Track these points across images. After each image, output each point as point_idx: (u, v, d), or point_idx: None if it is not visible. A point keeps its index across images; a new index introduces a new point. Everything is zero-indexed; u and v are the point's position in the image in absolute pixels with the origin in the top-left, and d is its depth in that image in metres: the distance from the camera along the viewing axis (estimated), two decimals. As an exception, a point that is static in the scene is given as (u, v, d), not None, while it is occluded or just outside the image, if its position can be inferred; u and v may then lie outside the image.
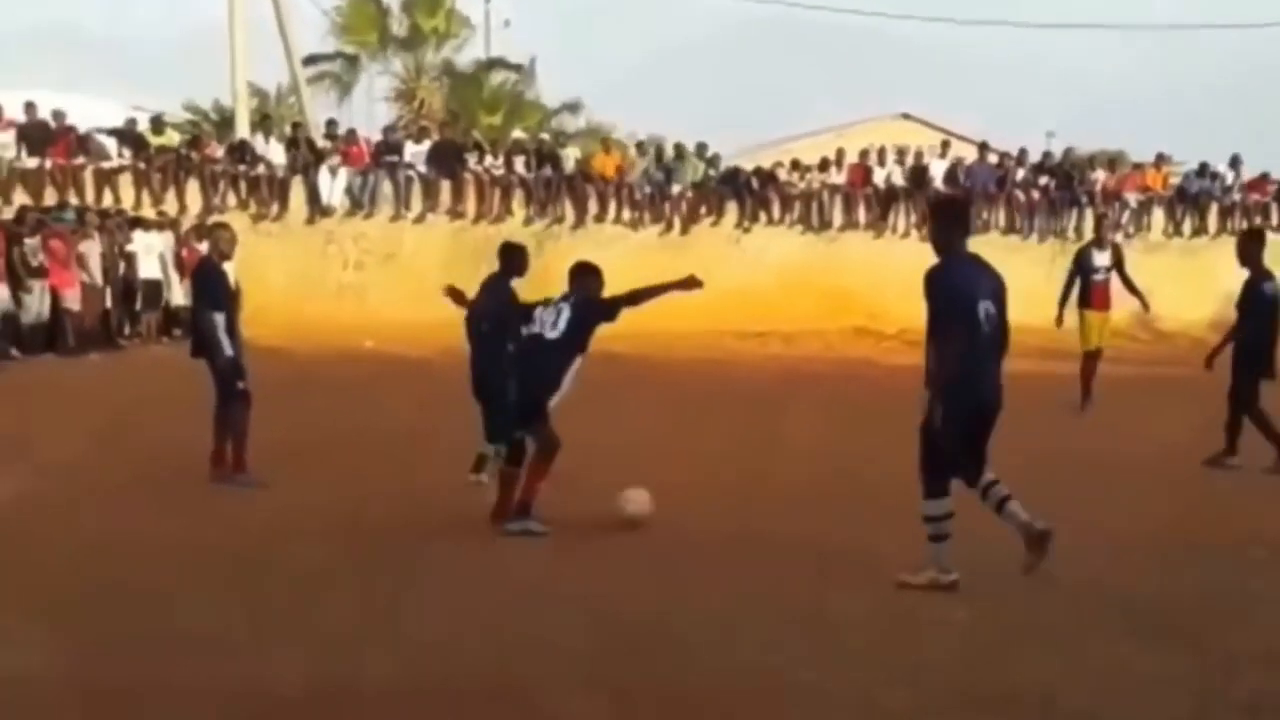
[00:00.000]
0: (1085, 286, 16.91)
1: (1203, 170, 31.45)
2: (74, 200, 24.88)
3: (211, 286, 11.35)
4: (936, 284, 7.56)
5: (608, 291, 9.65)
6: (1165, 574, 8.25)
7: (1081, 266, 17.03)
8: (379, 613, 7.30)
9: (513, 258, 10.80)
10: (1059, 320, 16.51)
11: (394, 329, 22.50)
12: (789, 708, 5.95)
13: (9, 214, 22.64)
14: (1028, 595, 7.65)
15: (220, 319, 11.06)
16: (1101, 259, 17.12)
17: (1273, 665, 6.51)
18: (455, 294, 10.66)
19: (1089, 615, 7.37)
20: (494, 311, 10.30)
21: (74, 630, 6.87)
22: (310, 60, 36.85)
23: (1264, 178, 31.58)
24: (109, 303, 22.53)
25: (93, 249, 22.07)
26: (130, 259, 23.21)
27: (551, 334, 9.47)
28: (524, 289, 17.96)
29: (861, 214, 29.63)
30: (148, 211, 25.40)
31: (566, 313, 9.50)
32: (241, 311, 24.85)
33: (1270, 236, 29.16)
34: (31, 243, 21.03)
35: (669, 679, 6.25)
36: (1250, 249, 12.60)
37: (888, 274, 26.81)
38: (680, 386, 18.20)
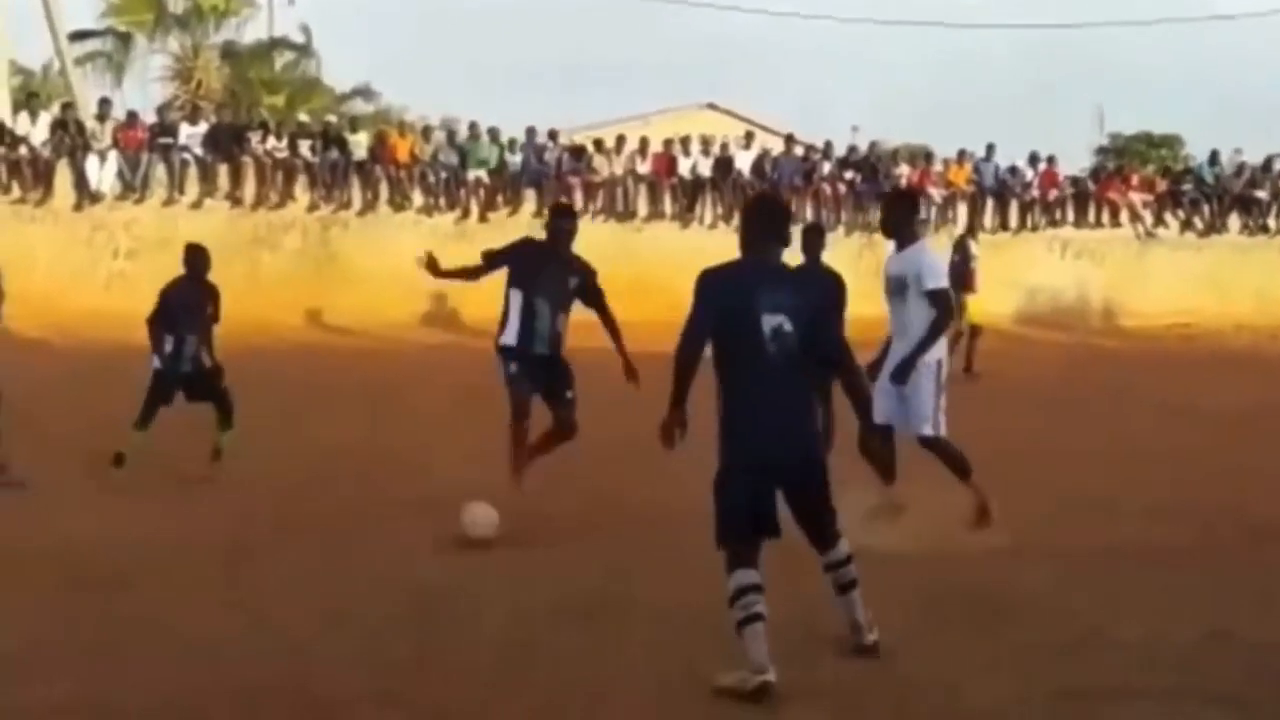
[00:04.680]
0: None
1: (989, 153, 31.67)
2: None
3: None
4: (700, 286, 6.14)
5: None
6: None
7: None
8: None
9: None
10: None
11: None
12: None
13: None
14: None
15: None
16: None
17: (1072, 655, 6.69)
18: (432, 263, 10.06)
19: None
20: None
21: None
22: (79, 36, 35.27)
23: (1050, 161, 32.02)
24: None
25: None
26: None
27: None
28: (301, 277, 17.33)
29: (667, 204, 29.17)
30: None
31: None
32: (3, 303, 23.46)
33: (1070, 233, 30.71)
34: None
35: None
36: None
37: (694, 265, 26.43)
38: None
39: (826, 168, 30.50)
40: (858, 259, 24.19)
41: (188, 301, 11.54)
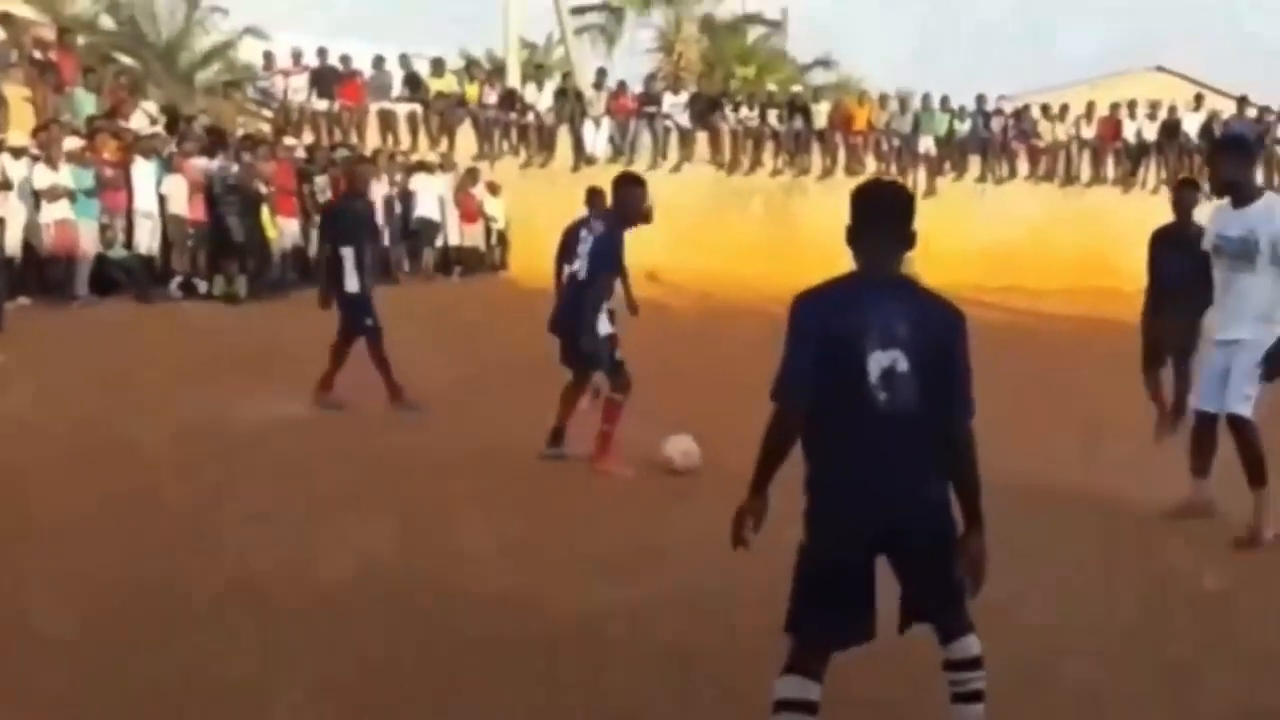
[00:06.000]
0: None
1: None
2: (355, 141, 26.28)
3: (336, 224, 11.52)
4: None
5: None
6: None
7: None
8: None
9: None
10: None
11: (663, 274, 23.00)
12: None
13: (300, 153, 23.73)
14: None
15: (349, 253, 11.04)
16: None
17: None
18: None
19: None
20: None
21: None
22: (578, 10, 37.41)
23: None
24: (388, 240, 23.56)
25: (376, 189, 23.13)
26: (408, 198, 24.34)
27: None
28: (767, 237, 16.19)
29: (1110, 168, 29.14)
30: (425, 154, 26.56)
31: (588, 244, 9.01)
32: (509, 251, 25.92)
33: None
34: (320, 180, 22.23)
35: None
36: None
37: (1135, 230, 26.15)
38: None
39: (1281, 129, 29.51)
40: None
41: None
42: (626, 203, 9.02)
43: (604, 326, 9.02)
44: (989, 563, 4.10)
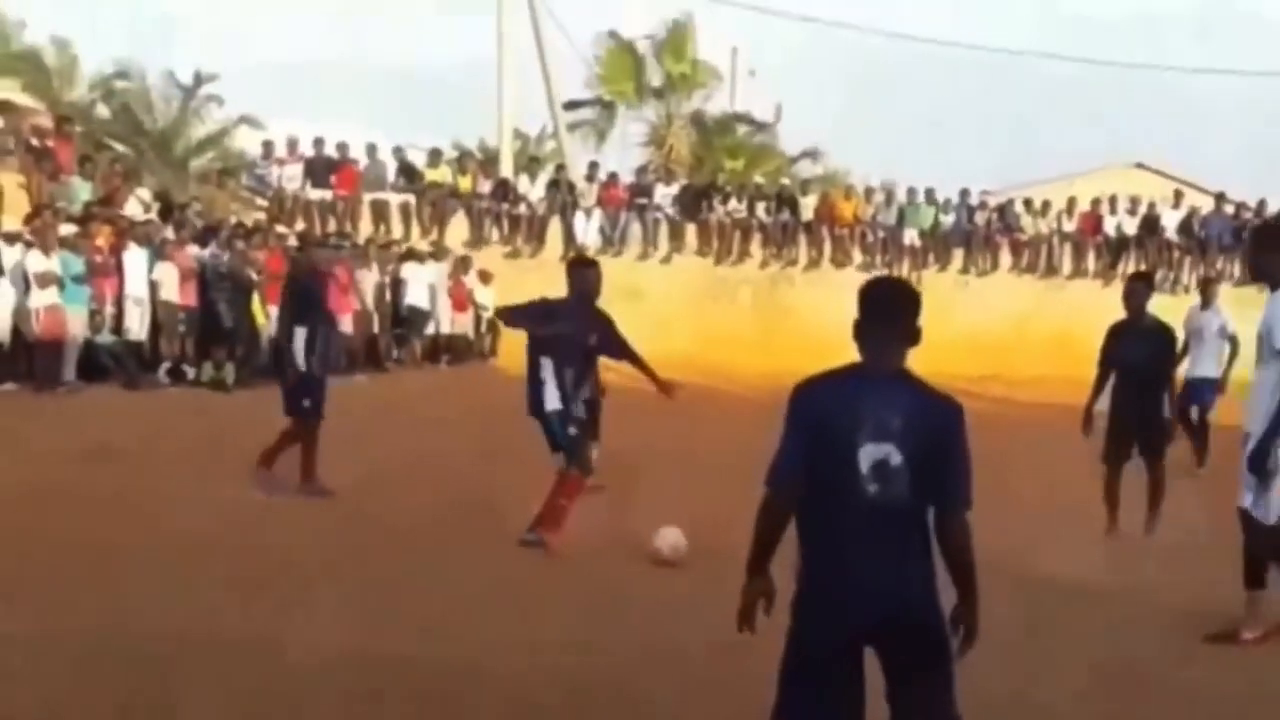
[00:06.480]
0: None
1: None
2: (348, 230, 26.25)
3: (293, 302, 11.09)
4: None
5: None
6: None
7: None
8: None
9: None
10: None
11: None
12: None
13: (292, 241, 23.64)
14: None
15: (300, 332, 10.73)
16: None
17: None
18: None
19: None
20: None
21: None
22: (571, 105, 37.60)
23: None
24: (376, 328, 23.49)
25: (367, 277, 23.05)
26: (398, 286, 24.27)
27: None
28: (753, 327, 16.11)
29: (1091, 262, 29.19)
30: (417, 243, 26.56)
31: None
32: (499, 339, 25.87)
33: None
34: (311, 269, 22.11)
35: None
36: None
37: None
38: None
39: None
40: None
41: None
42: (575, 282, 9.35)
43: (552, 401, 9.00)
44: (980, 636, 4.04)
